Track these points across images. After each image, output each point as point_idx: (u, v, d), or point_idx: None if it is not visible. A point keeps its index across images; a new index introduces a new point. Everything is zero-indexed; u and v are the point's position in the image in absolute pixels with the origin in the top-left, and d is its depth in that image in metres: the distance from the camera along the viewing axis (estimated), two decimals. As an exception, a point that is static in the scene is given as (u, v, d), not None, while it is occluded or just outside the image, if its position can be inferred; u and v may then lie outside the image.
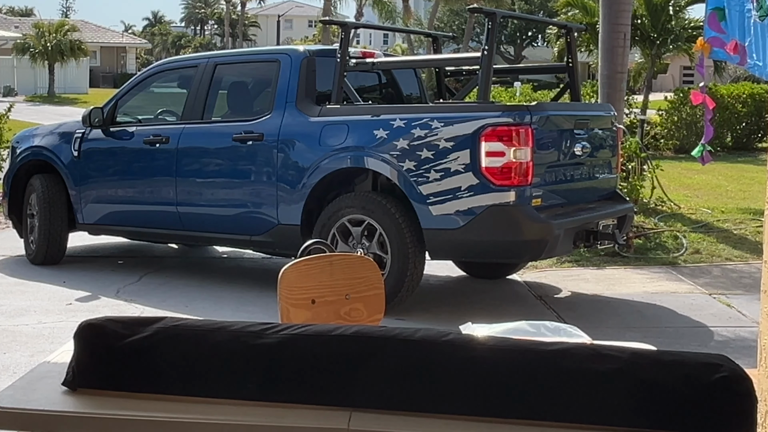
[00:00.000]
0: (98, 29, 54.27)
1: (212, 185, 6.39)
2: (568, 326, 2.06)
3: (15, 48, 38.31)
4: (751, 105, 17.57)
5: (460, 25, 46.57)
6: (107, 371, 1.56)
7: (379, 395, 1.49)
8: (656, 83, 32.36)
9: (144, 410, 1.49)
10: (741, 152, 17.60)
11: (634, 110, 14.66)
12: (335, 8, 40.31)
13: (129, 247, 7.90)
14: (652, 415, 1.42)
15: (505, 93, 19.69)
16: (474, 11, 6.18)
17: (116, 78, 46.95)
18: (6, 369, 4.47)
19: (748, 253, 7.69)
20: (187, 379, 1.55)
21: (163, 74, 7.32)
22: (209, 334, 1.59)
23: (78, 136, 7.08)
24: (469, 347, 1.54)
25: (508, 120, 5.20)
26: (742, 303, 6.00)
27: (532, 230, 5.26)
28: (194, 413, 1.49)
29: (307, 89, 6.09)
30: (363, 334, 1.58)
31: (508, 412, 1.45)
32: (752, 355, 3.11)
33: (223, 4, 65.10)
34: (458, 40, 41.00)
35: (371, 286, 2.64)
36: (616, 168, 6.46)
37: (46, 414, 1.52)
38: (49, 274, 6.78)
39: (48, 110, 28.51)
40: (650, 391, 1.43)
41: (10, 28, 44.69)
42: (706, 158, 6.69)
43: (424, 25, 41.65)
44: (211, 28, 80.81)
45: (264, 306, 5.58)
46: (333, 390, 1.50)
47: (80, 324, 1.62)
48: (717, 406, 1.41)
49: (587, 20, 16.74)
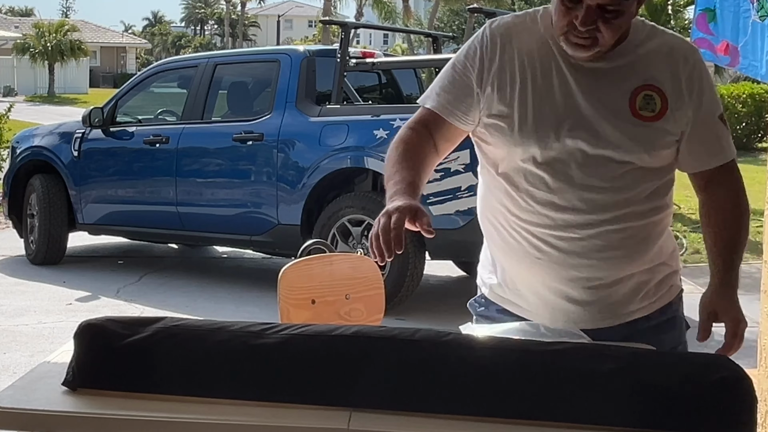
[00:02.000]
0: (98, 29, 54.30)
1: (212, 185, 6.39)
2: (568, 326, 2.06)
3: (15, 48, 38.31)
4: (751, 105, 17.57)
5: (460, 25, 46.57)
6: (107, 371, 1.56)
7: (379, 395, 1.49)
8: (656, 83, 32.34)
9: (144, 410, 1.49)
10: (741, 152, 17.52)
11: (634, 110, 14.65)
12: (335, 8, 40.33)
13: (129, 247, 7.90)
14: (652, 415, 1.42)
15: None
16: (474, 11, 6.20)
17: (116, 78, 46.96)
18: (6, 369, 4.48)
19: (748, 253, 7.69)
20: (187, 379, 1.55)
21: (163, 74, 7.32)
22: (209, 334, 1.59)
23: (78, 136, 7.08)
24: (469, 347, 1.54)
25: (508, 120, 5.20)
26: (742, 303, 5.96)
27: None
28: (194, 413, 1.49)
29: (307, 89, 6.10)
30: (363, 334, 1.58)
31: (509, 412, 1.45)
32: (752, 355, 3.11)
33: (223, 4, 65.13)
34: (458, 40, 41.00)
35: (371, 286, 2.64)
36: (616, 168, 6.46)
37: (46, 414, 1.52)
38: (49, 274, 6.79)
39: (48, 110, 28.51)
40: (650, 391, 1.43)
41: (10, 28, 44.69)
42: None
43: (424, 25, 41.66)
44: (211, 28, 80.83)
45: (264, 306, 5.58)
46: (333, 390, 1.50)
47: (80, 324, 1.62)
48: (717, 407, 1.41)
49: (587, 20, 16.78)
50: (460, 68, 1.93)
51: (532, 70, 1.87)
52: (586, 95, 1.84)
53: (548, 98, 1.85)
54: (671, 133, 1.86)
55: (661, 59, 1.87)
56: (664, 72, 1.86)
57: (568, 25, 1.78)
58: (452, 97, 1.92)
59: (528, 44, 1.89)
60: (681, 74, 1.86)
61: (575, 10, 1.75)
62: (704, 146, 1.90)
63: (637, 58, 1.86)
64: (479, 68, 1.90)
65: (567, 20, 1.77)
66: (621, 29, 1.81)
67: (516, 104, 1.86)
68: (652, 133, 1.84)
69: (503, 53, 1.89)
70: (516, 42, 1.90)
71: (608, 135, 1.82)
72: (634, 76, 1.85)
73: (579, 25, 1.75)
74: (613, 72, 1.85)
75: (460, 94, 1.92)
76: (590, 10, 1.74)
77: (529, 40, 1.89)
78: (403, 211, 1.68)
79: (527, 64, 1.87)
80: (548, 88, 1.85)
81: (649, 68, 1.86)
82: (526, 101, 1.86)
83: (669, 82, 1.85)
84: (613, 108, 1.83)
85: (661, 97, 1.84)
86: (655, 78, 1.85)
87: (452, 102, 1.92)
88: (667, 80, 1.85)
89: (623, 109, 1.83)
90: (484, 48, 1.91)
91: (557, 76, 1.85)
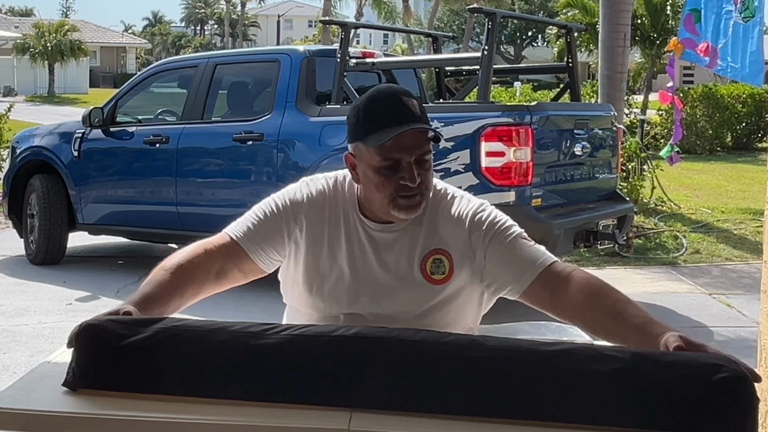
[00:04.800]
0: (98, 29, 54.28)
1: (212, 185, 6.39)
2: (569, 326, 2.06)
3: (15, 48, 38.31)
4: (751, 105, 17.57)
5: (460, 25, 46.59)
6: (107, 371, 1.56)
7: (379, 396, 1.49)
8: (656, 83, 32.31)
9: (144, 410, 1.49)
10: (741, 152, 17.60)
11: (634, 110, 14.65)
12: (335, 8, 40.31)
13: (129, 247, 7.90)
14: (652, 415, 1.41)
15: (505, 93, 19.68)
16: (474, 11, 6.18)
17: (116, 78, 46.97)
18: (6, 369, 4.48)
19: (748, 253, 7.69)
20: (187, 379, 1.55)
21: (163, 74, 7.32)
22: (209, 335, 1.59)
23: (78, 136, 7.08)
24: (470, 347, 1.54)
25: (508, 120, 5.20)
26: (742, 303, 6.00)
27: (532, 230, 5.19)
28: (194, 413, 1.49)
29: (307, 89, 6.09)
30: (363, 334, 1.58)
31: (509, 413, 1.45)
32: (752, 355, 3.10)
33: (223, 4, 65.11)
34: (458, 40, 41.01)
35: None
36: (616, 168, 6.46)
37: (46, 414, 1.52)
38: (49, 274, 6.79)
39: (48, 110, 28.52)
40: (652, 391, 1.43)
41: (10, 28, 44.66)
42: (675, 159, 6.68)
43: (424, 25, 41.67)
44: (211, 28, 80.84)
45: (264, 306, 5.57)
46: (333, 390, 1.50)
47: (80, 324, 1.62)
48: (718, 407, 1.41)
49: (587, 20, 16.76)
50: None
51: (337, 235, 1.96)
52: (381, 264, 1.94)
53: (348, 266, 1.94)
54: (464, 289, 1.93)
55: (448, 222, 1.94)
56: (451, 234, 1.93)
57: (395, 189, 1.86)
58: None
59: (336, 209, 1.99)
60: (466, 233, 1.92)
61: (396, 173, 1.85)
62: (518, 262, 1.88)
63: (429, 225, 1.95)
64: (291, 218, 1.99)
65: (392, 186, 1.86)
66: (433, 177, 1.93)
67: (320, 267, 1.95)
68: (441, 293, 1.91)
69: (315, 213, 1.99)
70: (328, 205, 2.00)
71: (402, 301, 1.91)
72: (424, 241, 1.93)
73: (409, 182, 1.84)
74: (405, 239, 1.94)
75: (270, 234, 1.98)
76: (411, 165, 1.85)
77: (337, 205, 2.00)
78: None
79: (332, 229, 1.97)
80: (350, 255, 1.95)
81: (437, 233, 1.94)
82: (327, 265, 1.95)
83: (456, 245, 1.92)
84: (404, 274, 1.92)
85: (448, 259, 1.92)
86: (443, 242, 1.93)
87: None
88: (453, 243, 1.92)
89: (415, 273, 1.92)
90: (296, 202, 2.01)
91: (358, 245, 1.95)
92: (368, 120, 1.88)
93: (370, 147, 1.86)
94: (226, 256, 1.93)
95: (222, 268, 1.93)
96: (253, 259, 1.95)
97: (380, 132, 1.84)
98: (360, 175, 1.92)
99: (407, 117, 1.85)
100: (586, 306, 1.77)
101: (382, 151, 1.85)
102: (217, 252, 1.93)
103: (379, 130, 1.85)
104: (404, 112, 1.85)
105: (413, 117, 1.86)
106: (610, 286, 1.81)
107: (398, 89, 1.93)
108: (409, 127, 1.84)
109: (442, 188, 2.01)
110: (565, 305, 1.80)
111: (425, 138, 1.87)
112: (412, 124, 1.84)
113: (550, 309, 1.84)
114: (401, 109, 1.85)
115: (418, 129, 1.85)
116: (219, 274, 1.93)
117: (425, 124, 1.87)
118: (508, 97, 18.92)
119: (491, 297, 1.98)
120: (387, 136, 1.83)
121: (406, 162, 1.85)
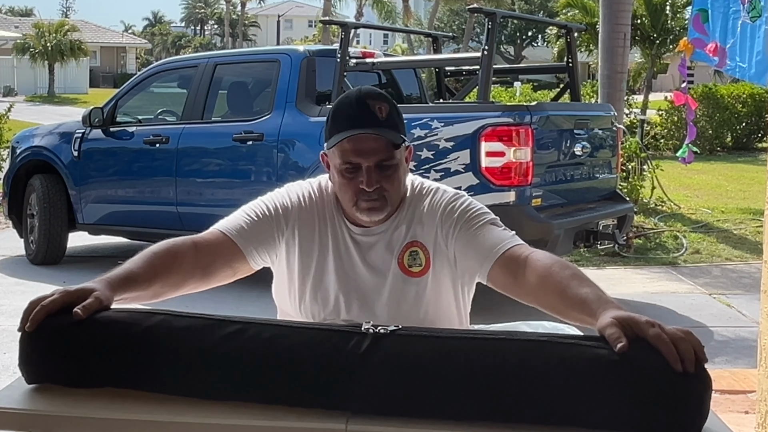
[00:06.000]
0: (98, 29, 54.30)
1: (212, 185, 6.39)
2: (567, 326, 2.06)
3: (15, 48, 38.33)
4: (751, 105, 17.56)
5: (460, 25, 46.57)
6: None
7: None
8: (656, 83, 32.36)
9: (144, 410, 1.49)
10: (741, 152, 17.60)
11: (634, 110, 14.67)
12: (335, 8, 40.32)
13: (129, 247, 7.90)
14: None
15: (505, 93, 19.68)
16: (474, 11, 6.19)
17: (116, 78, 46.99)
18: (6, 369, 4.48)
19: (748, 253, 7.70)
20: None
21: (163, 74, 7.32)
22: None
23: (78, 136, 7.08)
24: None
25: (508, 120, 5.21)
26: (742, 303, 6.00)
27: (532, 230, 5.25)
28: (194, 413, 1.48)
29: (307, 89, 6.09)
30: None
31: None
32: (752, 355, 3.11)
33: (223, 4, 65.13)
34: (458, 40, 41.01)
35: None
36: (616, 168, 6.46)
37: (46, 414, 1.52)
38: (49, 274, 6.78)
39: (48, 110, 28.53)
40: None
41: (10, 28, 44.69)
42: (689, 158, 6.68)
43: (424, 25, 41.68)
44: (211, 28, 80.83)
45: (264, 306, 5.55)
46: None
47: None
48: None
49: (587, 20, 16.76)
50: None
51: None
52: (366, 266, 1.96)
53: (335, 270, 1.96)
54: (444, 280, 1.94)
55: (422, 216, 1.96)
56: (425, 226, 1.95)
57: (356, 193, 1.88)
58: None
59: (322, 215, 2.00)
60: (438, 224, 1.93)
61: (357, 177, 1.86)
62: (481, 246, 1.87)
63: (406, 222, 1.96)
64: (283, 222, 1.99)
65: (353, 189, 1.88)
66: (402, 183, 1.93)
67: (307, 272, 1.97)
68: (422, 286, 1.93)
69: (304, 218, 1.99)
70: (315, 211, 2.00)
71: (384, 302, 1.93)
72: (401, 237, 1.95)
73: (366, 186, 1.85)
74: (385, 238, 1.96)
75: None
76: (370, 170, 1.85)
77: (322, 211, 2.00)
78: (66, 295, 1.60)
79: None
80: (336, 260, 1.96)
81: (412, 227, 1.95)
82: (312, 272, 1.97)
83: (430, 236, 1.94)
84: (384, 270, 1.94)
85: (424, 251, 1.94)
86: (417, 234, 1.95)
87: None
88: (428, 235, 1.94)
89: (393, 268, 1.94)
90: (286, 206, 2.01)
91: (344, 249, 1.96)
92: (333, 121, 1.89)
93: (330, 148, 1.89)
94: (218, 252, 1.92)
95: (212, 264, 1.91)
96: (246, 258, 1.94)
97: (340, 134, 1.85)
98: (331, 176, 1.96)
99: (367, 122, 1.84)
100: (539, 287, 1.73)
101: (342, 154, 1.86)
102: (209, 247, 1.92)
103: (340, 131, 1.86)
104: (366, 116, 1.84)
105: (374, 122, 1.84)
106: (563, 263, 1.74)
107: (371, 93, 1.90)
108: (362, 131, 1.83)
109: (418, 184, 2.01)
110: (525, 288, 1.77)
111: (385, 144, 1.85)
112: (367, 129, 1.84)
113: (515, 293, 1.82)
114: (365, 113, 1.84)
115: (373, 134, 1.84)
116: (207, 269, 1.90)
117: (389, 130, 1.86)
118: (508, 97, 18.92)
119: (468, 285, 1.99)
120: (340, 138, 1.84)
121: (366, 166, 1.85)
